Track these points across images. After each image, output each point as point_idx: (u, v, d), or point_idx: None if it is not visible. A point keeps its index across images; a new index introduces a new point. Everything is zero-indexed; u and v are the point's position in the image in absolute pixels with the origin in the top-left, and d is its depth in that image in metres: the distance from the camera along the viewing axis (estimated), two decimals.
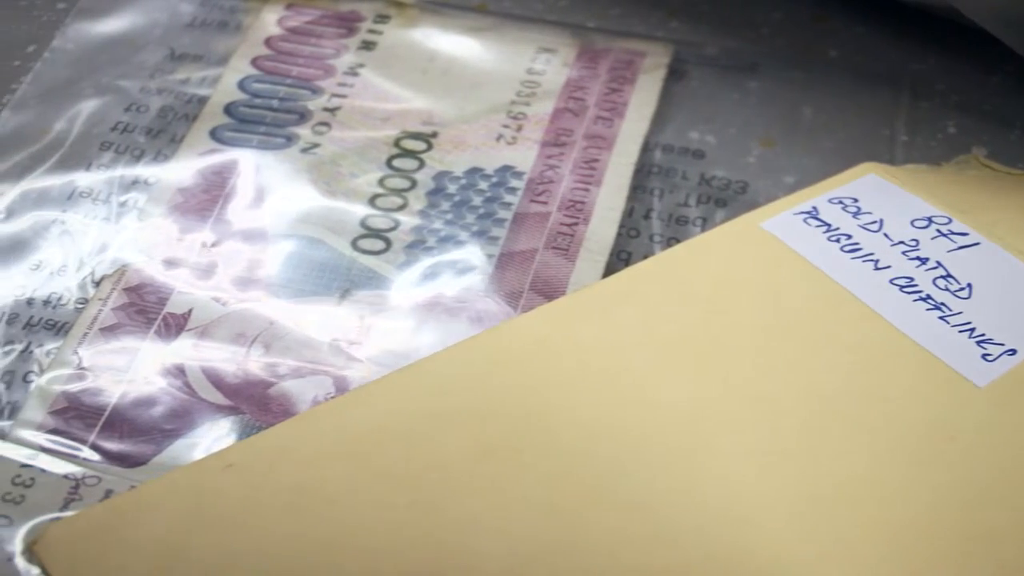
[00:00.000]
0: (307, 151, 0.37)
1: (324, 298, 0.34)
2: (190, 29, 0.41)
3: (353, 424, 0.32)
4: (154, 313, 0.34)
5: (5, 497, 0.31)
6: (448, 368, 0.33)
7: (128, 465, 0.32)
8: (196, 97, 0.39)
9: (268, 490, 0.31)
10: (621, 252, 0.35)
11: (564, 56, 0.40)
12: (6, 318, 0.34)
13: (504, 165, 0.37)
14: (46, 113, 0.38)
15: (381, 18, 0.41)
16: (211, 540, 0.30)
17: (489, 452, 0.31)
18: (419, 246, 0.35)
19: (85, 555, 0.31)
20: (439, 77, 0.39)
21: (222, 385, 0.33)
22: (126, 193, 0.37)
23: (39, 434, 0.32)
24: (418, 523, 0.30)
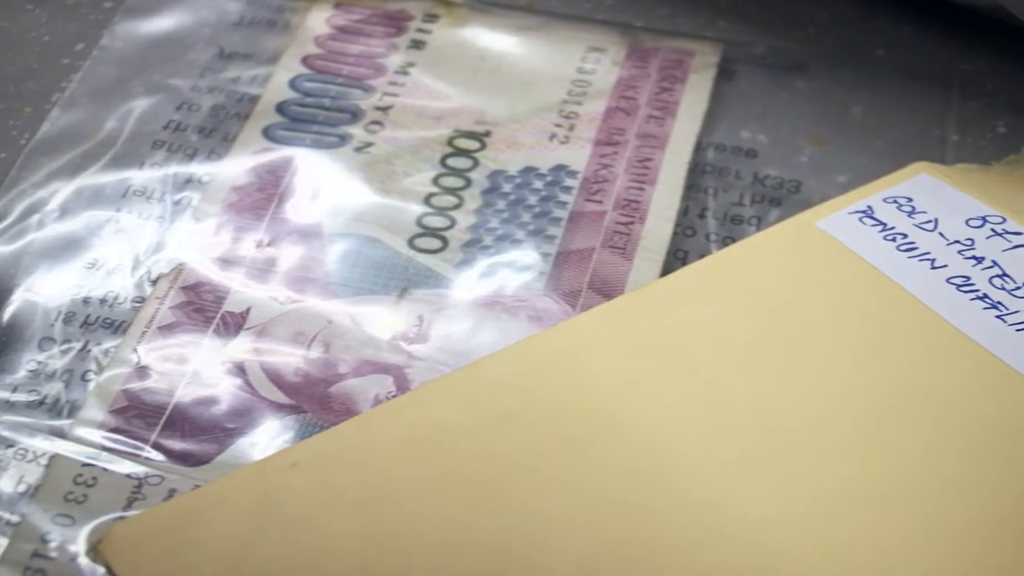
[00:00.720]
0: (360, 150, 0.37)
1: (382, 297, 0.34)
2: (238, 28, 0.41)
3: (417, 423, 0.32)
4: (212, 312, 0.34)
5: (67, 497, 0.31)
6: (511, 367, 0.33)
7: (191, 464, 0.32)
8: (247, 96, 0.39)
9: (333, 489, 0.31)
10: (678, 251, 0.35)
11: (613, 55, 0.40)
12: (63, 317, 0.34)
13: (558, 164, 0.37)
14: (96, 112, 0.38)
15: (430, 17, 0.41)
16: (278, 539, 0.30)
17: (554, 451, 0.31)
18: (476, 245, 0.35)
19: (151, 554, 0.30)
20: (490, 76, 0.39)
21: (283, 384, 0.33)
22: (180, 192, 0.37)
23: (100, 433, 0.32)
24: (486, 523, 0.30)
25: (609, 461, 0.31)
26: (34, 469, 0.31)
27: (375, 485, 0.31)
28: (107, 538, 0.30)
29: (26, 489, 0.31)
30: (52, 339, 0.34)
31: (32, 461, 0.32)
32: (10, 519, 0.31)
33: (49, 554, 0.30)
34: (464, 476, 0.31)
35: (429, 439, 0.32)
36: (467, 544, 0.30)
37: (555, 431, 0.32)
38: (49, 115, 0.38)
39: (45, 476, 0.31)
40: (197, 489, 0.31)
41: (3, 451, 0.32)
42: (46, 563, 0.30)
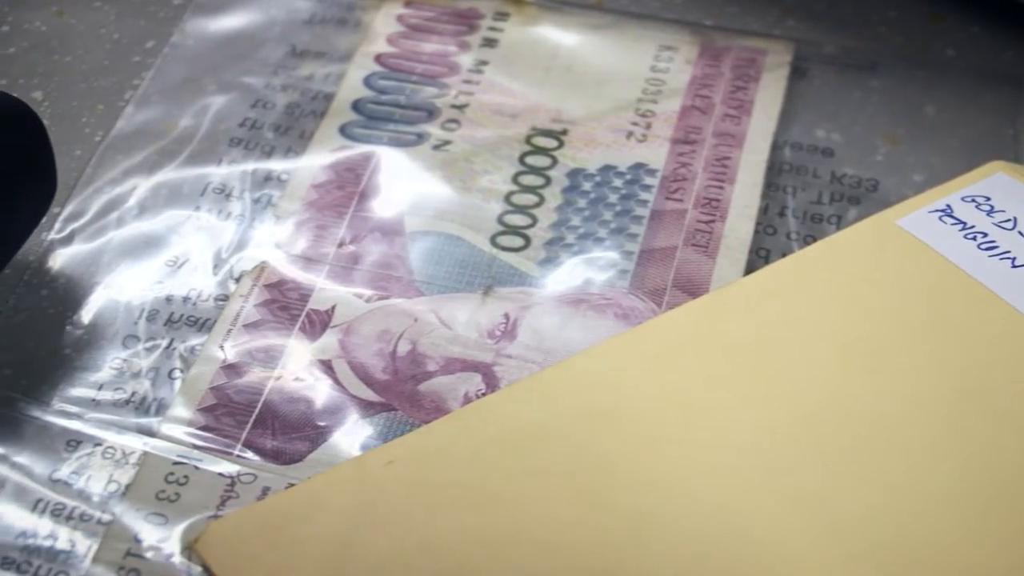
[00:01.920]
0: (439, 148, 0.37)
1: (467, 294, 0.34)
2: (309, 26, 0.40)
3: (511, 421, 0.32)
4: (297, 310, 0.34)
5: (159, 495, 0.31)
6: (603, 364, 0.33)
7: (283, 462, 0.31)
8: (322, 94, 0.38)
9: (430, 486, 0.31)
10: (760, 249, 0.35)
11: (686, 54, 0.39)
12: (146, 314, 0.34)
13: (637, 163, 0.37)
14: (171, 109, 0.38)
15: (500, 16, 0.41)
16: (378, 537, 0.30)
17: (650, 447, 0.31)
18: (558, 243, 0.35)
19: (250, 553, 0.30)
20: (563, 74, 0.39)
21: (372, 381, 0.33)
22: (259, 189, 0.36)
23: (189, 431, 0.32)
24: (586, 519, 0.30)
25: (699, 458, 0.31)
26: (124, 468, 0.31)
27: (471, 483, 0.31)
28: (204, 537, 0.30)
29: (116, 488, 0.31)
30: (136, 337, 0.33)
31: (121, 460, 0.31)
32: (101, 518, 0.30)
33: (143, 553, 0.30)
34: (563, 474, 0.31)
35: (523, 437, 0.31)
36: (564, 540, 0.30)
37: (646, 428, 0.31)
38: (123, 112, 0.38)
39: (136, 475, 0.31)
40: (293, 487, 0.31)
41: (91, 449, 0.32)
42: (140, 563, 0.30)
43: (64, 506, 0.31)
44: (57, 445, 0.32)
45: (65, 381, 0.33)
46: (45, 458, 0.31)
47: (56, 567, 0.30)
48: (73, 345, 0.33)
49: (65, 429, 0.32)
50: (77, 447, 0.31)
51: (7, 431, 0.32)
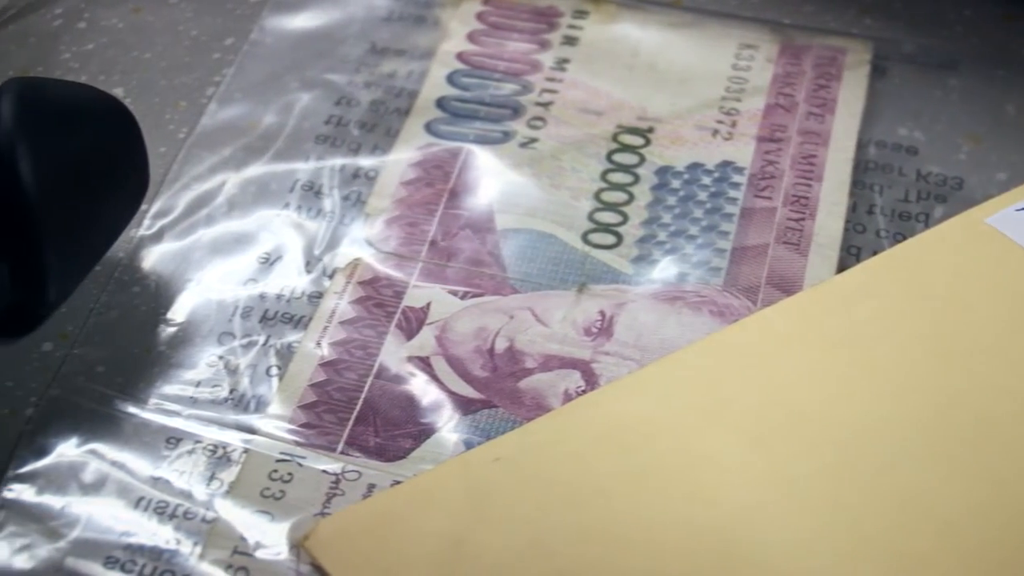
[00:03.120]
0: (526, 146, 0.37)
1: (561, 292, 0.34)
2: (388, 23, 0.40)
3: (615, 418, 0.32)
4: (392, 307, 0.34)
5: (264, 493, 0.31)
6: (703, 362, 0.33)
7: (386, 459, 0.31)
8: (405, 91, 0.38)
9: (538, 483, 0.30)
10: (850, 247, 0.35)
11: (766, 52, 0.39)
12: (240, 311, 0.34)
13: (724, 160, 0.37)
14: (254, 106, 0.38)
15: (579, 14, 0.40)
16: (488, 533, 0.29)
17: (753, 445, 0.31)
18: (650, 240, 0.35)
19: (361, 550, 0.30)
20: (646, 72, 0.39)
21: (471, 378, 0.33)
22: (348, 186, 0.36)
23: (291, 428, 0.31)
24: (696, 516, 0.30)
25: (802, 454, 0.31)
26: (226, 465, 0.31)
27: (579, 480, 0.30)
28: (314, 535, 0.30)
29: (219, 485, 0.31)
30: (231, 334, 0.33)
31: (223, 457, 0.31)
32: (205, 516, 0.30)
33: (251, 551, 0.29)
34: (670, 470, 0.30)
35: (627, 434, 0.31)
36: (672, 537, 0.29)
37: (749, 426, 0.31)
38: (206, 109, 0.38)
39: (239, 472, 0.31)
40: (401, 484, 0.31)
41: (192, 446, 0.31)
42: (248, 561, 0.29)
43: (167, 504, 0.30)
44: (156, 443, 0.31)
45: (161, 378, 0.33)
46: (145, 456, 0.31)
47: (161, 566, 0.29)
48: (167, 342, 0.33)
49: (163, 427, 0.32)
50: (177, 444, 0.31)
51: (105, 429, 0.32)
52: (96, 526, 0.30)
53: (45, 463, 0.31)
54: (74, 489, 0.31)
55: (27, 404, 0.32)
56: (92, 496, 0.30)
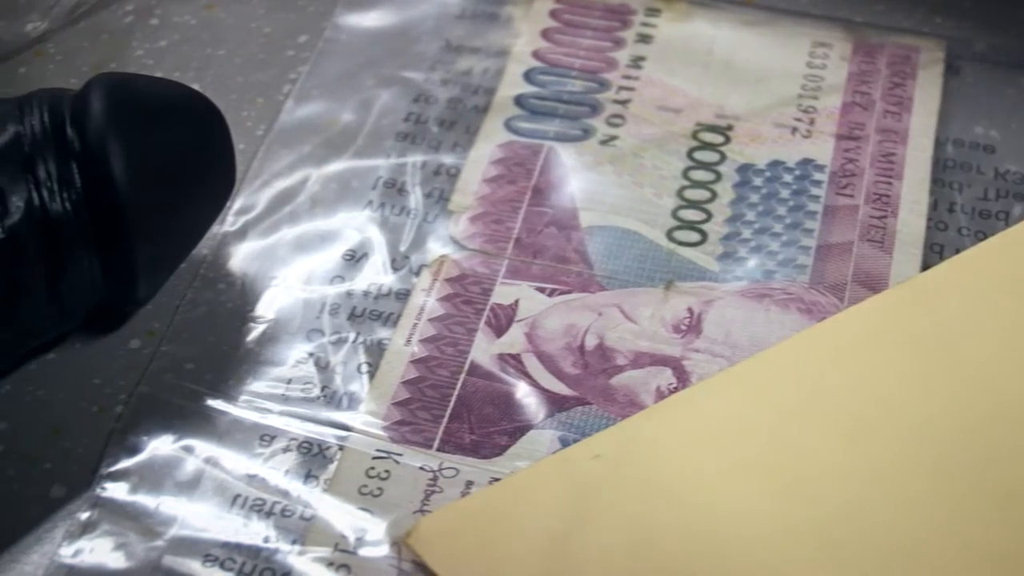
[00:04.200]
0: (606, 143, 0.37)
1: (648, 289, 0.34)
2: (461, 21, 0.40)
3: (712, 415, 0.32)
4: (480, 304, 0.34)
5: (362, 490, 0.30)
6: (796, 359, 0.33)
7: (483, 456, 0.31)
8: (482, 88, 0.38)
9: (638, 480, 0.30)
10: (933, 245, 0.35)
11: (840, 50, 0.39)
12: (328, 309, 0.34)
13: (804, 158, 0.36)
14: (331, 103, 0.38)
15: (651, 11, 0.40)
16: (592, 529, 0.29)
17: (853, 440, 0.31)
18: (735, 238, 0.35)
19: (464, 547, 0.30)
20: (721, 70, 0.38)
21: (562, 375, 0.33)
22: (430, 183, 0.36)
23: (385, 425, 0.31)
24: (798, 511, 0.29)
25: (896, 451, 0.31)
26: (322, 462, 0.31)
27: (678, 476, 0.30)
28: (416, 532, 0.30)
29: (316, 483, 0.30)
30: (320, 331, 0.33)
31: (318, 454, 0.31)
32: (303, 513, 0.30)
33: (351, 548, 0.29)
34: (762, 466, 0.30)
35: (724, 430, 0.31)
36: (772, 532, 0.29)
37: (845, 422, 0.31)
38: (284, 106, 0.37)
39: (336, 470, 0.31)
40: (501, 482, 0.30)
41: (286, 444, 0.31)
42: (349, 558, 0.29)
43: (263, 501, 0.30)
44: (250, 440, 0.31)
45: (251, 375, 0.32)
46: (239, 453, 0.31)
47: (260, 564, 0.29)
48: (256, 339, 0.33)
49: (256, 424, 0.32)
50: (271, 442, 0.31)
51: (198, 426, 0.32)
52: (193, 524, 0.30)
53: (138, 460, 0.31)
54: (169, 487, 0.30)
55: (116, 401, 0.32)
56: (188, 494, 0.30)
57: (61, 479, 0.31)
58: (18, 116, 0.31)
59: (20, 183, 0.30)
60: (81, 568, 0.29)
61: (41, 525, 0.30)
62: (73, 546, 0.29)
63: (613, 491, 0.30)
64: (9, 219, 0.30)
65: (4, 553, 0.30)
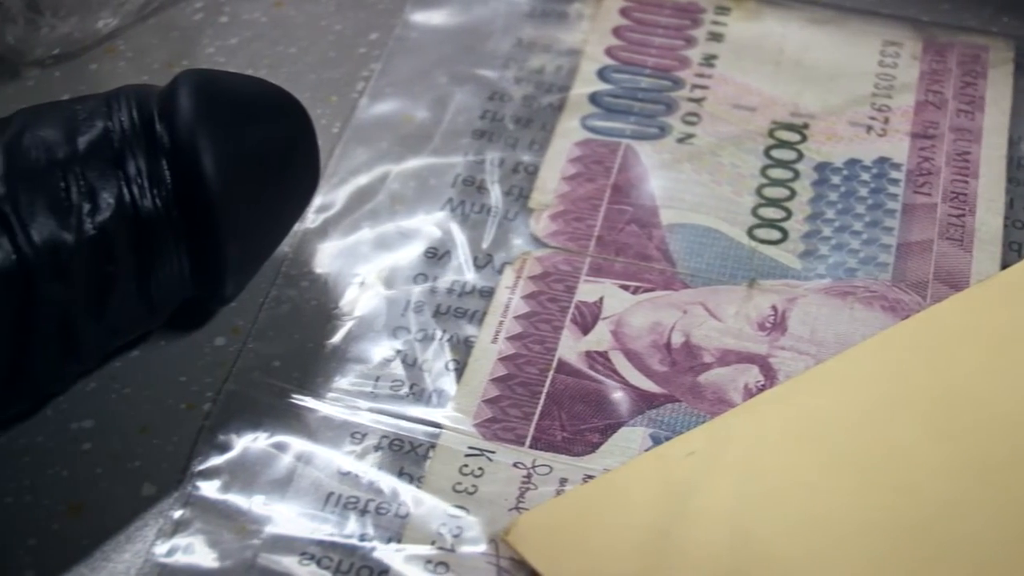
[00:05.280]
0: (683, 141, 0.37)
1: (732, 287, 0.34)
2: (531, 19, 0.40)
3: (805, 411, 0.32)
4: (565, 301, 0.34)
5: (456, 488, 0.30)
6: (884, 356, 0.33)
7: (575, 454, 0.31)
8: (556, 86, 0.38)
9: (735, 476, 0.30)
10: (1011, 243, 0.35)
11: (911, 49, 0.39)
12: (412, 306, 0.34)
13: (880, 157, 0.36)
14: (405, 101, 0.37)
15: (721, 10, 0.40)
16: (691, 525, 0.29)
17: (945, 436, 0.31)
18: (816, 235, 0.35)
19: (563, 543, 0.30)
20: (794, 69, 0.38)
21: (650, 372, 0.33)
22: (508, 181, 0.36)
23: (476, 423, 0.31)
24: (897, 507, 0.29)
25: (989, 447, 0.31)
26: (414, 460, 0.31)
27: (775, 473, 0.30)
28: (515, 529, 0.30)
29: (410, 480, 0.30)
30: (406, 328, 0.33)
31: (410, 452, 0.31)
32: (398, 510, 0.30)
33: (448, 546, 0.29)
34: (859, 462, 0.30)
35: (817, 427, 0.31)
36: (870, 527, 0.29)
37: (934, 418, 0.31)
38: (358, 104, 0.37)
39: (429, 467, 0.31)
40: (597, 479, 0.30)
41: (377, 441, 0.31)
42: (447, 555, 0.29)
43: (357, 499, 0.30)
44: (341, 438, 0.31)
45: (338, 373, 0.32)
46: (331, 451, 0.31)
47: (357, 562, 0.29)
48: (341, 336, 0.33)
49: (346, 422, 0.32)
50: (363, 439, 0.31)
51: (287, 424, 0.31)
52: (287, 522, 0.30)
53: (228, 458, 0.31)
54: (261, 485, 0.30)
55: (204, 399, 0.32)
56: (280, 492, 0.30)
57: (151, 477, 0.31)
58: (106, 112, 0.31)
59: (110, 180, 0.30)
60: (176, 567, 0.29)
61: (132, 523, 0.30)
62: (167, 544, 0.29)
63: (709, 487, 0.30)
64: (99, 216, 0.30)
65: (96, 551, 0.30)
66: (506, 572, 0.29)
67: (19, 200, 0.29)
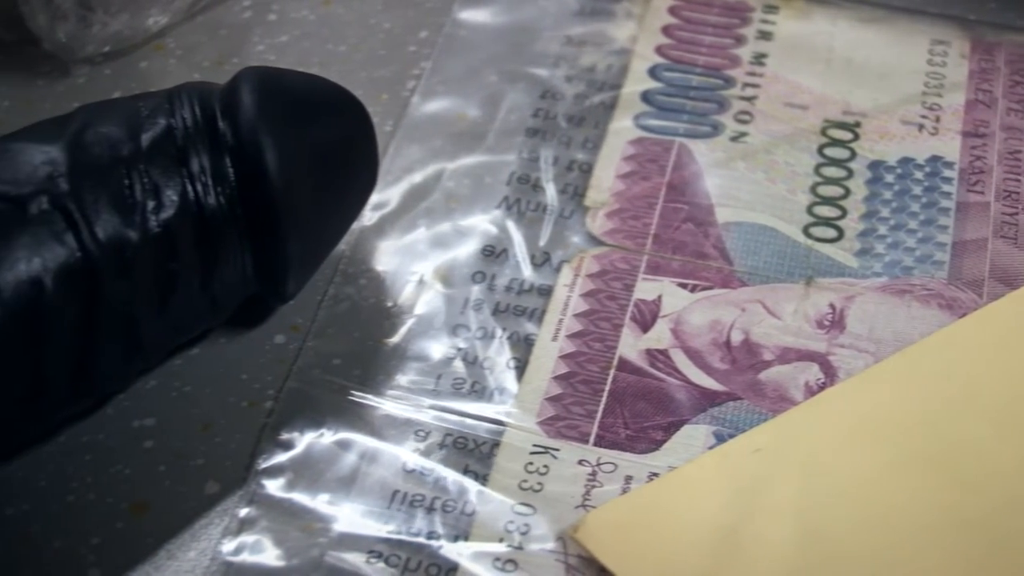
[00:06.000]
0: (736, 140, 0.37)
1: (789, 285, 0.34)
2: (580, 17, 0.40)
3: (868, 408, 0.32)
4: (624, 300, 0.34)
5: (522, 485, 0.30)
6: (943, 354, 0.33)
7: (639, 451, 0.31)
8: (607, 84, 0.38)
9: (801, 473, 0.30)
10: None
11: (959, 48, 0.39)
12: (471, 304, 0.34)
13: (933, 155, 0.37)
14: (457, 99, 0.37)
15: (769, 8, 0.40)
16: (760, 522, 0.29)
17: (1003, 433, 0.31)
18: (871, 234, 0.35)
19: (632, 540, 0.30)
20: (843, 67, 0.39)
21: (711, 370, 0.33)
22: (563, 179, 0.36)
23: (540, 420, 0.31)
24: (956, 503, 0.29)
25: None
26: (479, 457, 0.31)
27: (841, 470, 0.30)
28: (583, 527, 0.30)
29: (475, 478, 0.30)
30: (465, 326, 0.33)
31: (474, 449, 0.31)
32: (465, 508, 0.30)
33: (516, 543, 0.29)
34: (925, 459, 0.30)
35: (881, 424, 0.31)
36: (945, 524, 0.29)
37: (998, 415, 0.31)
38: (410, 102, 0.37)
39: (495, 465, 0.31)
40: (664, 476, 0.31)
41: (441, 439, 0.31)
42: (515, 553, 0.29)
43: (423, 497, 0.30)
44: (404, 435, 0.31)
45: (399, 370, 0.32)
46: (395, 449, 0.31)
47: (425, 560, 0.29)
48: (401, 334, 0.33)
49: (409, 419, 0.31)
50: (426, 437, 0.31)
51: (350, 422, 0.31)
52: (354, 520, 0.30)
53: (292, 456, 0.31)
54: (326, 483, 0.30)
55: (265, 397, 0.32)
56: (346, 490, 0.30)
57: (214, 475, 0.31)
58: (169, 109, 0.31)
59: (174, 177, 0.30)
60: (244, 565, 0.29)
61: (197, 521, 0.30)
62: (234, 542, 0.29)
63: (776, 484, 0.30)
64: (164, 213, 0.30)
65: (160, 549, 0.30)
66: (575, 569, 0.29)
67: (84, 197, 0.29)
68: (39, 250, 0.29)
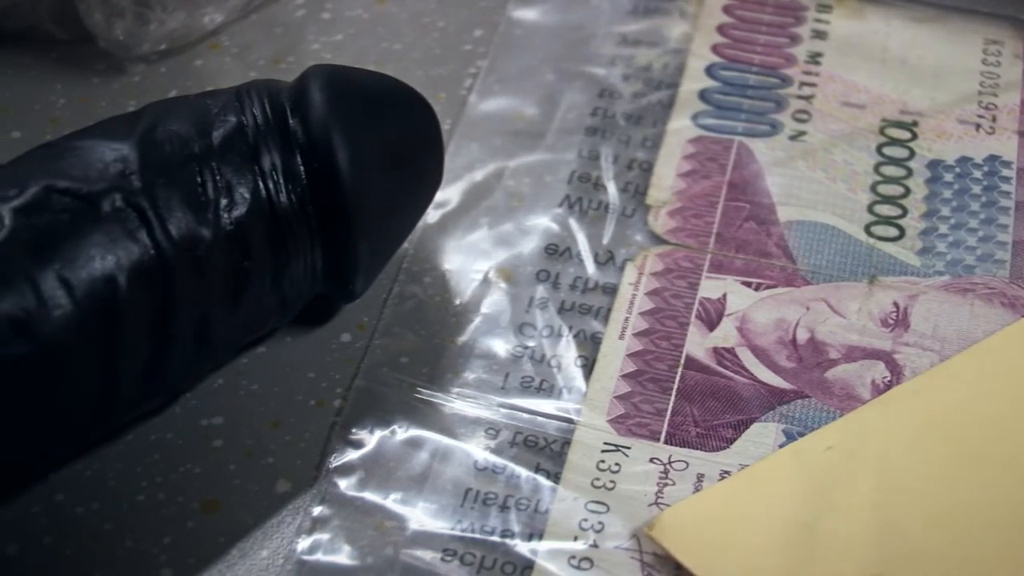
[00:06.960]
0: (795, 139, 0.37)
1: (852, 283, 0.34)
2: (634, 16, 0.40)
3: (938, 406, 0.32)
4: (688, 298, 0.34)
5: (594, 483, 0.30)
6: (1009, 352, 0.33)
7: (710, 449, 0.31)
8: (664, 83, 0.38)
9: (874, 470, 0.30)
10: None
11: (1012, 48, 0.39)
12: (537, 302, 0.34)
13: (991, 155, 0.37)
14: (514, 98, 0.38)
15: (823, 7, 0.40)
16: (835, 518, 0.29)
17: None
18: (932, 233, 0.35)
19: (707, 537, 0.30)
20: (898, 66, 0.39)
21: (778, 369, 0.33)
22: (623, 177, 0.36)
23: (609, 418, 0.31)
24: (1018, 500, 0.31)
25: None
26: (550, 456, 0.31)
27: (913, 467, 0.30)
28: (658, 524, 0.30)
29: (547, 476, 0.30)
30: (531, 325, 0.33)
31: (544, 448, 0.31)
32: (537, 506, 0.30)
33: (591, 542, 0.29)
34: (998, 456, 0.30)
35: (951, 422, 0.31)
36: (1011, 521, 0.29)
37: None
38: (467, 101, 0.38)
39: (567, 463, 0.31)
40: (737, 474, 0.31)
41: (511, 437, 0.31)
42: (590, 551, 0.29)
43: (495, 495, 0.30)
44: (475, 433, 0.31)
45: (467, 369, 0.32)
46: (466, 447, 0.31)
47: (500, 558, 0.29)
48: (467, 332, 0.33)
49: (479, 417, 0.32)
50: (496, 435, 0.31)
51: (420, 420, 0.31)
52: (427, 518, 0.30)
53: (363, 454, 0.31)
54: (398, 481, 0.30)
55: (333, 395, 0.32)
56: (418, 488, 0.30)
57: (285, 473, 0.31)
58: (238, 107, 0.31)
59: (246, 174, 0.30)
60: (318, 564, 0.29)
61: (269, 520, 0.30)
62: (308, 541, 0.29)
63: (850, 481, 0.30)
64: (236, 210, 0.30)
65: (233, 548, 0.30)
66: (650, 567, 0.29)
67: (156, 195, 0.29)
68: (113, 248, 0.29)
